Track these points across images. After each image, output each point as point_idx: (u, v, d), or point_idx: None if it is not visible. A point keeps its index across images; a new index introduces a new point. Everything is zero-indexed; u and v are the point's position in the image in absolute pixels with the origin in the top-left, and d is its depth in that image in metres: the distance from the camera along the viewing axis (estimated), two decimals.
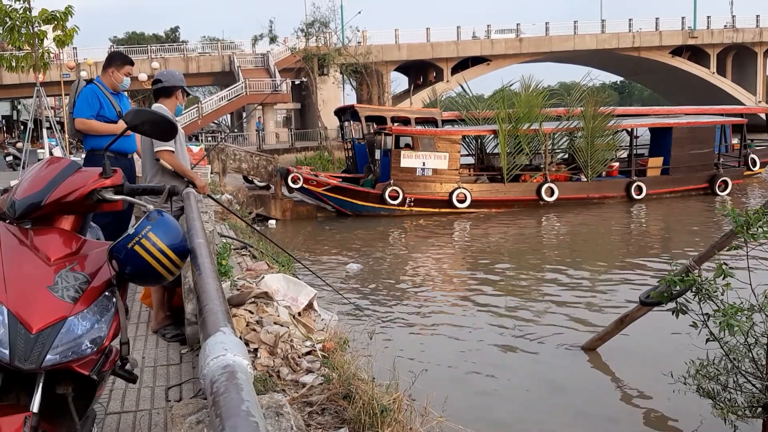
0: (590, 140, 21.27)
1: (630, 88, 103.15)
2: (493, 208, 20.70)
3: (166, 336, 4.62)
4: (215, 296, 1.81)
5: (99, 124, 5.22)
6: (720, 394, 4.84)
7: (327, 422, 3.38)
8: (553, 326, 8.96)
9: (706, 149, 22.36)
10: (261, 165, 21.27)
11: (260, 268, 6.92)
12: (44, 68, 13.87)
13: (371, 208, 20.36)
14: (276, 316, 4.75)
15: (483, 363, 7.81)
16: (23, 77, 20.59)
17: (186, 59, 45.82)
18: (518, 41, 52.72)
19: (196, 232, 2.43)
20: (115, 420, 3.37)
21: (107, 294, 1.89)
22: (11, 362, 1.66)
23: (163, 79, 4.80)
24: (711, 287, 4.71)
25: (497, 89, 23.74)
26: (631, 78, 75.78)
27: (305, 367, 4.01)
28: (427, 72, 54.36)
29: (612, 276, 12.03)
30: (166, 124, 2.28)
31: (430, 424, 3.60)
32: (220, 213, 11.43)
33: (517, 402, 6.77)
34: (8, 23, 12.98)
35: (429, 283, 12.32)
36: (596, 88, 24.65)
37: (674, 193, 22.08)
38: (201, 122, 40.42)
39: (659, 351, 7.47)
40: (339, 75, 43.75)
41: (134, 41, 59.01)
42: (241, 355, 1.41)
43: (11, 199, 1.98)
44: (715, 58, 56.32)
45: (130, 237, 1.91)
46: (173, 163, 4.59)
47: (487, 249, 15.88)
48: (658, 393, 6.48)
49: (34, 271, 1.81)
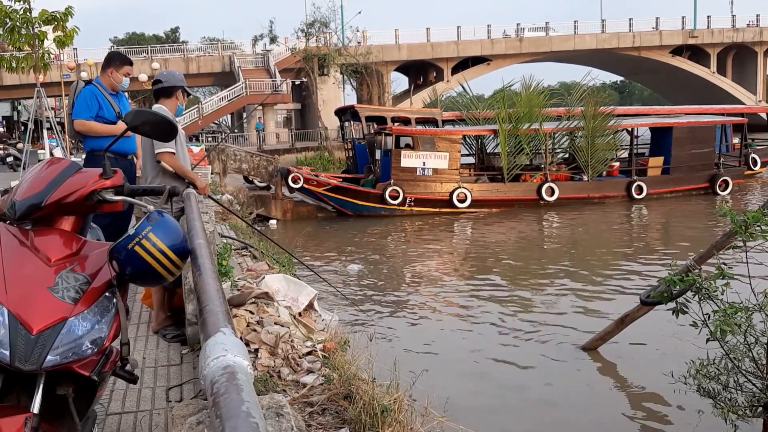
0: (591, 140, 21.28)
1: (630, 87, 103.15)
2: (494, 208, 20.70)
3: (167, 336, 4.62)
4: (215, 297, 1.81)
5: (98, 125, 5.23)
6: (720, 394, 4.83)
7: (328, 422, 3.38)
8: (553, 326, 8.96)
9: (707, 149, 22.36)
10: (261, 165, 21.28)
11: (261, 268, 6.92)
12: (44, 69, 13.88)
13: (372, 208, 20.35)
14: (276, 316, 4.75)
15: (483, 363, 7.82)
16: (24, 78, 20.60)
17: (186, 60, 45.80)
18: (518, 41, 52.71)
19: (196, 232, 2.44)
20: (116, 421, 3.37)
21: (108, 295, 1.89)
22: (12, 363, 1.66)
23: (163, 79, 4.79)
24: (710, 287, 4.71)
25: (498, 89, 23.77)
26: (631, 78, 75.82)
27: (306, 367, 4.01)
28: (427, 72, 54.33)
29: (612, 275, 12.03)
30: (166, 125, 2.29)
31: (431, 424, 3.60)
32: (220, 213, 11.43)
33: (517, 402, 6.77)
34: (8, 24, 13.00)
35: (429, 283, 12.31)
36: (596, 87, 24.65)
37: (675, 193, 22.07)
38: (201, 123, 40.43)
39: (659, 351, 7.48)
40: (339, 75, 43.73)
41: (134, 42, 59.00)
42: (242, 355, 1.41)
43: (11, 200, 1.98)
44: (716, 57, 56.31)
45: (131, 238, 1.91)
46: (174, 164, 4.58)
47: (488, 249, 15.88)
48: (658, 393, 6.49)
49: (34, 271, 1.81)
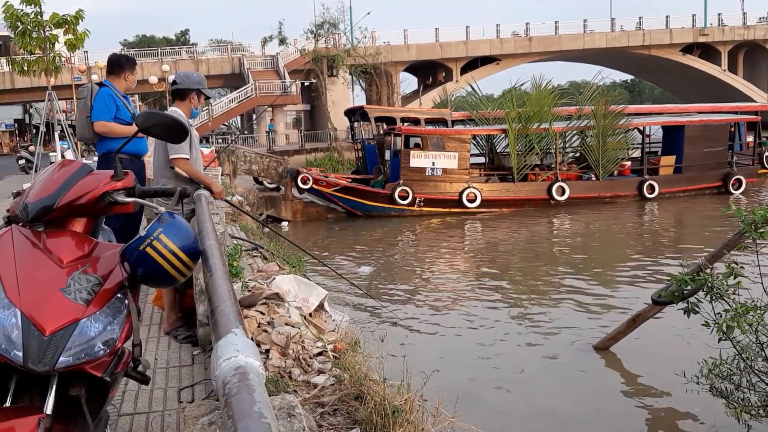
0: (601, 139, 21.18)
1: (640, 86, 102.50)
2: (504, 208, 20.64)
3: (178, 337, 4.64)
4: (227, 297, 1.82)
5: (118, 126, 5.27)
6: (733, 394, 4.81)
7: (339, 423, 3.38)
8: (564, 326, 8.94)
9: (720, 147, 22.18)
10: (271, 166, 21.34)
11: (271, 269, 6.92)
12: (56, 72, 13.94)
13: (381, 209, 20.35)
14: (287, 317, 4.75)
15: (495, 363, 7.81)
16: (35, 81, 20.73)
17: (196, 62, 45.90)
18: (528, 40, 52.52)
19: (207, 233, 2.45)
20: (128, 421, 3.38)
21: (119, 296, 1.90)
22: (25, 364, 1.67)
23: (178, 80, 4.77)
24: (722, 286, 4.68)
25: (507, 89, 23.72)
26: (641, 76, 75.36)
27: (317, 367, 4.01)
28: (436, 72, 54.22)
29: (623, 275, 11.98)
30: (177, 127, 2.29)
31: (442, 424, 3.59)
32: (231, 215, 11.45)
33: (529, 402, 6.75)
34: (20, 27, 13.06)
35: (440, 283, 12.30)
36: (607, 86, 24.53)
37: (687, 192, 21.93)
38: (211, 124, 40.54)
39: (671, 350, 7.44)
40: (348, 76, 43.76)
41: (144, 44, 59.23)
42: (253, 356, 1.41)
43: (24, 202, 1.99)
44: (727, 55, 55.87)
45: (142, 239, 1.92)
46: (189, 170, 4.57)
47: (498, 249, 15.85)
48: (670, 393, 6.45)
49: (47, 273, 1.82)
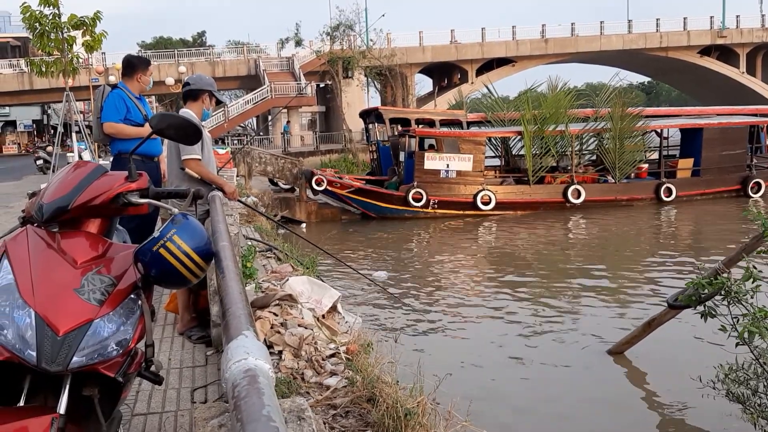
0: (618, 141, 21.03)
1: (657, 88, 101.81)
2: (519, 211, 20.54)
3: (192, 338, 4.66)
4: (238, 299, 1.82)
5: (127, 128, 5.33)
6: (750, 399, 4.75)
7: (351, 425, 3.37)
8: (579, 330, 8.88)
9: (739, 150, 21.91)
10: (286, 168, 21.40)
11: (285, 270, 6.93)
12: (73, 73, 14.05)
13: (395, 211, 20.32)
14: (300, 318, 4.76)
15: (508, 367, 7.76)
16: (53, 82, 20.93)
17: (212, 63, 46.17)
18: (544, 42, 52.31)
19: (220, 235, 2.45)
20: (141, 421, 3.39)
21: (133, 297, 1.91)
22: (38, 364, 1.68)
23: (191, 82, 4.83)
24: (740, 290, 4.63)
25: (523, 90, 23.61)
26: (658, 78, 74.86)
27: (329, 369, 4.01)
28: (451, 74, 54.14)
29: (639, 279, 11.89)
30: (191, 128, 2.30)
31: (455, 428, 3.58)
32: (245, 215, 11.50)
33: (542, 407, 6.70)
34: (38, 29, 13.18)
35: (454, 286, 12.27)
36: (624, 88, 24.35)
37: (705, 195, 21.70)
38: (227, 125, 40.74)
39: (687, 355, 7.37)
40: (363, 77, 43.82)
41: (161, 46, 59.59)
42: (263, 358, 1.40)
43: (39, 202, 2.00)
44: (745, 57, 55.37)
45: (156, 240, 1.93)
46: (200, 171, 4.62)
47: (513, 252, 15.78)
48: (686, 397, 6.38)
49: (61, 274, 1.83)
